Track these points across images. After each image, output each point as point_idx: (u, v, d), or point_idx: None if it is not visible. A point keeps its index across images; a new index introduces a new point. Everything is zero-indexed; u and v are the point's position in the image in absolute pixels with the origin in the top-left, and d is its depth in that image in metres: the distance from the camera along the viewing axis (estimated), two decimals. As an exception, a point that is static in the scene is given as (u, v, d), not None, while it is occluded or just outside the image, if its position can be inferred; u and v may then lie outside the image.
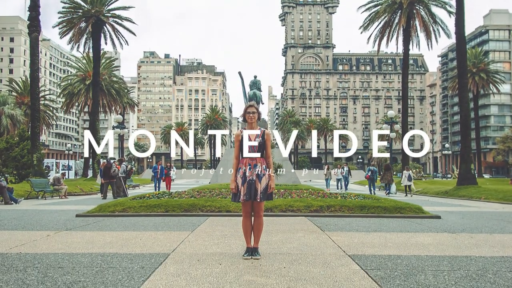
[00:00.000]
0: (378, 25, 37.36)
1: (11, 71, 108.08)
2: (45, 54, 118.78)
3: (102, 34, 38.70)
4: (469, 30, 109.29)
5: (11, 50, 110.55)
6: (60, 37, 38.61)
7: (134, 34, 40.42)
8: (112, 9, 38.76)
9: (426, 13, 35.48)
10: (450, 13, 33.36)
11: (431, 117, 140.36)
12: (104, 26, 38.44)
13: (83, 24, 37.39)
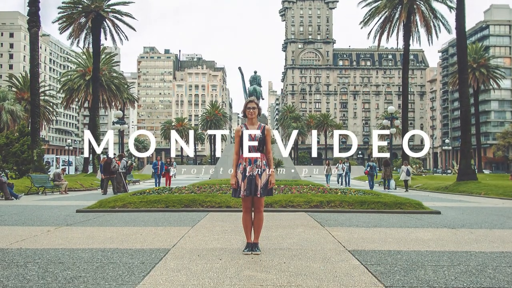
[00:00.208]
0: (379, 20, 37.20)
1: (11, 67, 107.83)
2: (45, 50, 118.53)
3: (102, 30, 38.53)
4: (470, 25, 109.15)
5: (11, 46, 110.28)
6: (60, 33, 38.51)
7: (134, 30, 40.33)
8: (112, 4, 38.62)
9: (427, 8, 35.34)
10: (451, 8, 33.23)
11: (431, 113, 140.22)
12: (104, 21, 38.28)
13: (83, 20, 37.22)
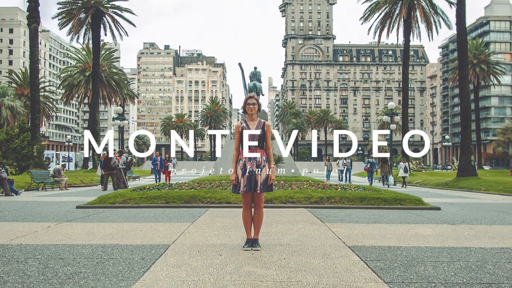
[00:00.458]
0: (379, 16, 37.14)
1: (11, 63, 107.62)
2: (45, 45, 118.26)
3: (102, 25, 38.42)
4: (470, 21, 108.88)
5: (11, 41, 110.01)
6: (60, 28, 38.48)
7: (134, 25, 40.20)
8: (112, 0, 38.51)
9: (427, 4, 35.25)
10: (451, 4, 33.16)
11: (432, 109, 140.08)
12: (104, 17, 38.16)
13: (83, 15, 37.10)
